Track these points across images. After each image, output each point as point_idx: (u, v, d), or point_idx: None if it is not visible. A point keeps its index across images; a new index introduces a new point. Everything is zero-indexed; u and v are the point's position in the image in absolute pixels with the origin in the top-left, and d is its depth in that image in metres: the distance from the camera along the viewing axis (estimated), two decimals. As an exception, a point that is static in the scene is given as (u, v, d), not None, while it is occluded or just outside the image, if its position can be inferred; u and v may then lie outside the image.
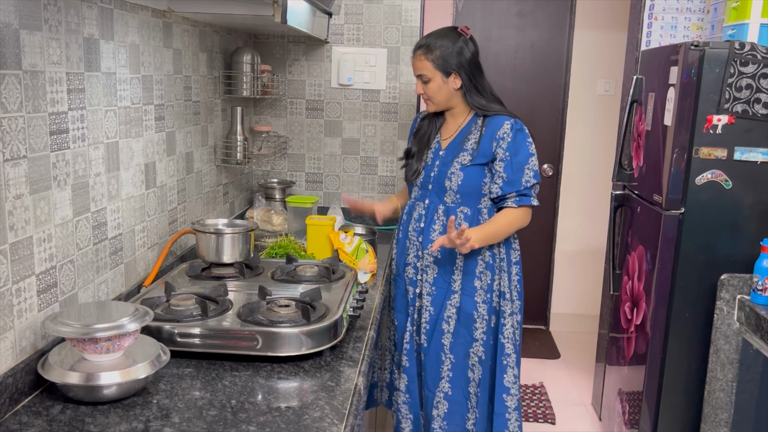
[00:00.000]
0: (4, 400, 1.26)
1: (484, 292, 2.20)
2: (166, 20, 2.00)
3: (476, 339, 2.21)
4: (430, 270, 2.23)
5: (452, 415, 2.22)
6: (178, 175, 2.16)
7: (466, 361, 2.22)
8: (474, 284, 2.20)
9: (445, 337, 2.22)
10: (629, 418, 2.72)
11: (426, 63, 2.16)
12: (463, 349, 2.21)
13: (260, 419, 1.28)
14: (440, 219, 2.21)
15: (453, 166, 2.18)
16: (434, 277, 2.23)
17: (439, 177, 2.20)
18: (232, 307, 1.65)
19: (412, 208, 2.30)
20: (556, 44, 4.21)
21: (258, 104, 3.05)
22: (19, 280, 1.32)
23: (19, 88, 1.28)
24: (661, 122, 2.54)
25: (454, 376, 2.22)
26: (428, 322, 2.24)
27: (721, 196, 2.36)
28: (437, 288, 2.23)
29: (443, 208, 2.21)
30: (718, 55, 2.28)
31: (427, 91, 2.19)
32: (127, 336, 1.35)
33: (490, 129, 2.16)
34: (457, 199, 2.19)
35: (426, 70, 2.16)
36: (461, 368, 2.22)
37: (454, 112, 2.25)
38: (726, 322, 2.32)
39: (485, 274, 2.20)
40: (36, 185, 1.35)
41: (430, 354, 2.23)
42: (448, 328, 2.21)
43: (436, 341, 2.23)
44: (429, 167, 2.24)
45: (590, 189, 4.28)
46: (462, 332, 2.21)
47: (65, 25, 1.43)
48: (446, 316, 2.21)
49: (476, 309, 2.20)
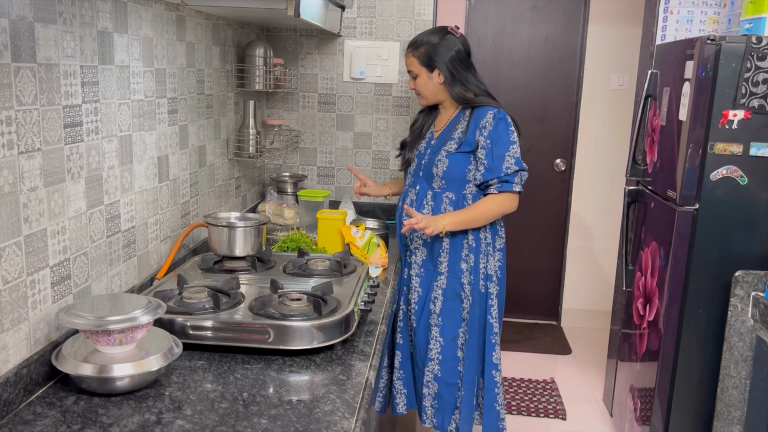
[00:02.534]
0: (19, 390, 1.27)
1: (470, 274, 2.28)
2: (179, 13, 2.01)
3: (464, 319, 2.30)
4: (419, 252, 2.35)
5: (442, 395, 2.32)
6: (191, 169, 2.17)
7: (455, 343, 2.31)
8: (461, 266, 2.29)
9: (431, 317, 2.31)
10: (641, 414, 2.71)
11: (413, 59, 2.31)
12: (451, 330, 2.30)
13: (271, 412, 1.28)
14: (429, 204, 2.33)
15: (440, 153, 2.28)
16: (423, 259, 2.35)
17: (428, 164, 2.32)
18: (244, 301, 1.66)
19: (405, 194, 2.42)
20: (569, 38, 4.18)
21: (270, 98, 3.05)
22: (34, 272, 1.33)
23: (33, 81, 1.29)
24: (676, 117, 2.51)
25: (443, 358, 2.31)
26: (416, 303, 2.35)
27: (736, 192, 2.33)
28: (425, 270, 2.34)
29: (431, 194, 2.32)
30: (734, 49, 2.25)
31: (416, 87, 2.34)
32: (140, 328, 1.35)
33: (475, 118, 2.26)
34: (443, 185, 2.29)
35: (413, 66, 2.31)
36: (450, 350, 2.31)
37: (445, 105, 2.38)
38: (740, 319, 2.30)
39: (470, 257, 2.28)
40: (50, 178, 1.36)
41: (419, 334, 2.35)
42: (434, 308, 2.31)
43: (424, 321, 2.33)
44: (421, 155, 2.37)
45: (603, 184, 4.26)
46: (449, 313, 2.30)
47: (79, 18, 1.44)
48: (433, 297, 2.32)
49: (462, 290, 2.29)
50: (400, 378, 2.42)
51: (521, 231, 4.31)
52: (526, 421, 3.19)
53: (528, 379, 3.60)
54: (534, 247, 4.42)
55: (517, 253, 4.24)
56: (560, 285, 4.46)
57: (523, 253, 4.35)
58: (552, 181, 4.32)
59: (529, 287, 4.44)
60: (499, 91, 4.12)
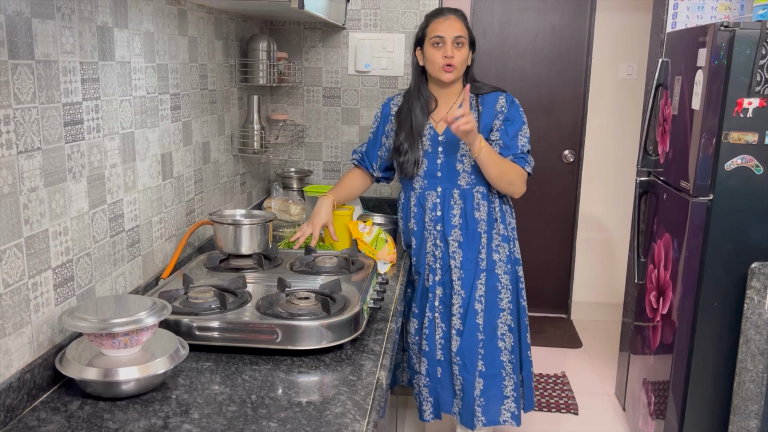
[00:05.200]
0: (23, 396, 1.24)
1: (504, 263, 2.27)
2: (180, 7, 1.97)
3: (503, 309, 2.29)
4: (457, 255, 2.26)
5: (488, 389, 2.27)
6: (195, 166, 2.14)
7: (495, 334, 2.28)
8: (493, 258, 2.27)
9: (478, 316, 2.27)
10: (655, 408, 2.67)
11: (464, 28, 2.19)
12: (491, 323, 2.27)
13: (281, 415, 1.25)
14: (457, 203, 2.25)
15: (462, 147, 2.20)
16: (461, 261, 2.26)
17: (448, 162, 2.22)
18: (251, 300, 1.62)
19: (422, 198, 2.28)
20: (577, 27, 4.12)
21: (274, 92, 3.01)
22: (36, 274, 1.30)
23: (32, 78, 1.25)
24: (688, 106, 2.46)
25: (486, 353, 2.27)
26: (461, 306, 2.27)
27: (751, 182, 2.28)
28: (465, 271, 2.26)
29: (458, 192, 2.24)
30: (748, 36, 2.20)
31: (459, 56, 2.16)
32: (145, 330, 1.32)
33: (488, 105, 2.23)
34: (472, 180, 2.23)
35: (464, 33, 2.17)
36: (491, 342, 2.28)
37: (450, 92, 2.26)
38: (756, 312, 2.25)
39: (502, 246, 2.27)
40: (51, 177, 1.33)
41: (467, 338, 2.26)
42: (481, 307, 2.26)
43: (470, 323, 2.26)
44: (432, 155, 2.24)
45: (612, 175, 4.20)
46: (490, 306, 2.27)
47: (78, 13, 1.40)
48: (478, 296, 2.26)
49: (499, 281, 2.27)
50: (426, 385, 2.33)
51: (530, 223, 4.27)
52: (537, 416, 3.16)
53: (539, 374, 3.56)
54: (543, 239, 4.37)
55: (526, 246, 4.19)
56: (570, 278, 4.41)
57: (531, 245, 4.30)
58: (560, 172, 4.27)
59: (538, 280, 4.39)
60: (506, 82, 4.07)
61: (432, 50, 2.17)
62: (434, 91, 2.27)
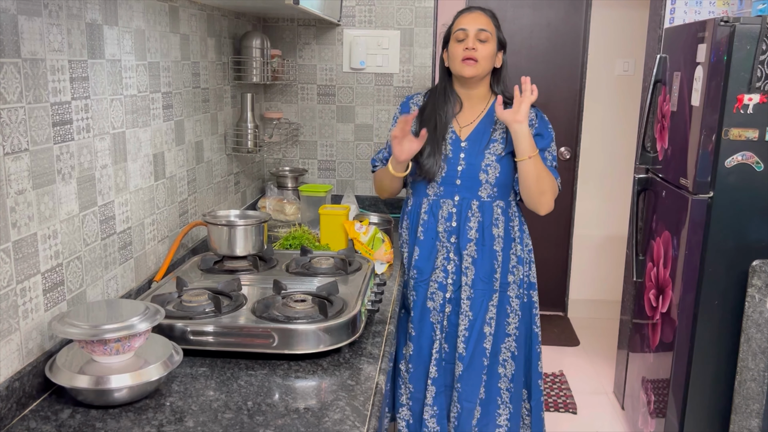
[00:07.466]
0: (11, 405, 1.20)
1: (517, 286, 2.15)
2: (172, 4, 1.93)
3: (509, 334, 2.15)
4: (469, 272, 2.12)
5: (484, 416, 2.16)
6: (188, 165, 2.10)
7: (496, 359, 2.15)
8: (507, 279, 2.14)
9: (486, 340, 2.12)
10: (655, 407, 2.65)
11: (490, 23, 2.08)
12: (495, 348, 2.14)
13: (278, 422, 1.22)
14: (476, 215, 2.11)
15: (487, 157, 2.08)
16: (473, 279, 2.11)
17: (470, 170, 2.09)
18: (246, 303, 1.59)
19: (435, 206, 2.14)
20: (573, 23, 4.09)
21: (268, 90, 2.97)
22: (24, 279, 1.26)
23: (18, 77, 1.21)
24: (687, 102, 2.44)
25: (487, 379, 2.14)
26: (467, 329, 2.11)
27: (752, 179, 2.26)
28: (475, 290, 2.12)
29: (478, 203, 2.10)
30: (748, 31, 2.18)
31: (482, 51, 2.03)
32: (138, 336, 1.29)
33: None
34: (494, 193, 2.10)
35: (489, 28, 2.06)
36: (492, 367, 2.15)
37: (476, 95, 2.15)
38: (758, 310, 2.23)
39: (517, 268, 2.15)
40: (39, 179, 1.29)
41: (471, 363, 2.11)
42: (490, 330, 2.12)
43: (478, 348, 2.11)
44: (452, 160, 2.10)
45: (609, 172, 4.18)
46: (498, 331, 2.14)
47: (66, 10, 1.36)
48: (488, 318, 2.12)
49: (509, 304, 2.14)
50: (434, 415, 2.14)
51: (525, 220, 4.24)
52: (536, 416, 3.13)
53: (536, 372, 3.54)
54: (539, 236, 4.33)
55: (523, 244, 4.17)
56: (566, 275, 4.39)
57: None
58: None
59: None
60: (501, 79, 4.03)
61: (454, 45, 2.07)
62: (460, 93, 2.17)
